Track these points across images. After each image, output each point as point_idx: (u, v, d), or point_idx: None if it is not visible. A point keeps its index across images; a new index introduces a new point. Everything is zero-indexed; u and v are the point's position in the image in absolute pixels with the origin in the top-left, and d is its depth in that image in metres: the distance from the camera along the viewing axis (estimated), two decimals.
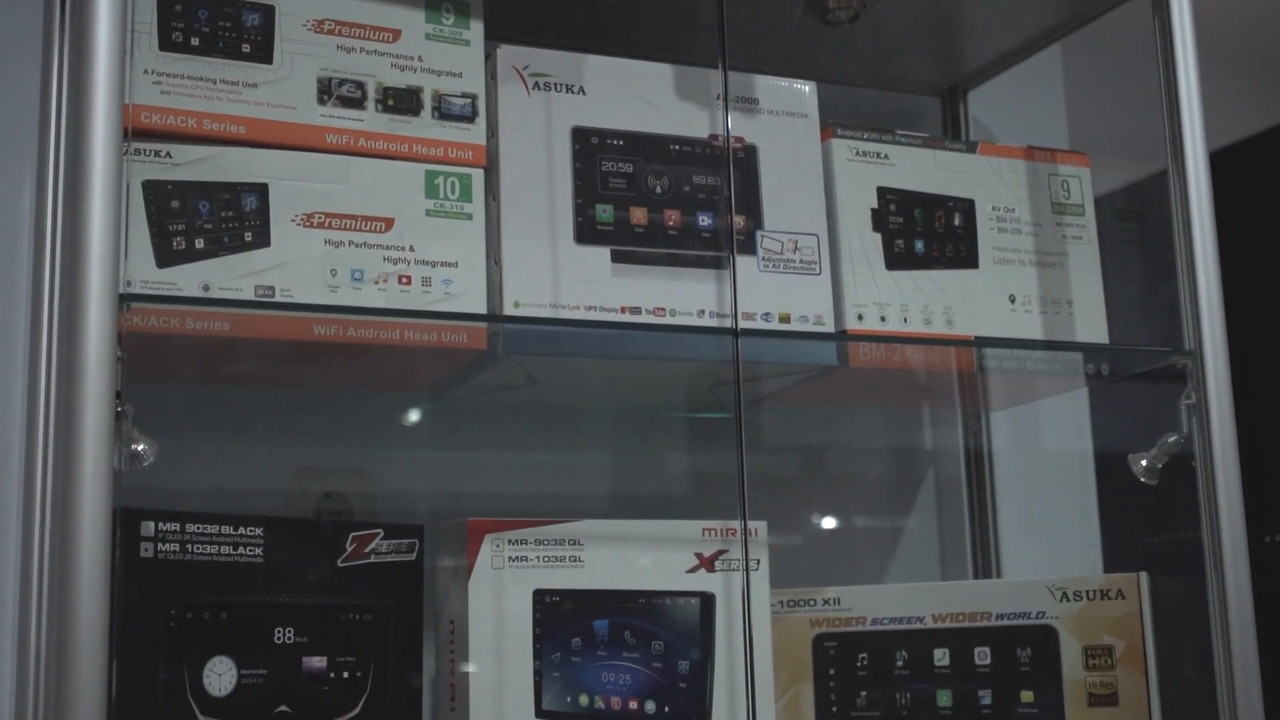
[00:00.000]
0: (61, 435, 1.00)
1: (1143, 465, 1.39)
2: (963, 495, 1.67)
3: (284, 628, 1.17)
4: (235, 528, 1.16)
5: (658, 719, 1.29)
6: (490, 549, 1.26)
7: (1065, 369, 1.53)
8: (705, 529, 1.33)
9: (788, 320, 1.33)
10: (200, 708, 1.12)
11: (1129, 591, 1.35)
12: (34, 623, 1.06)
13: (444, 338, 1.22)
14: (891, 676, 1.39)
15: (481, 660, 1.24)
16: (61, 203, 1.10)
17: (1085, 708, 1.34)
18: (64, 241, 1.08)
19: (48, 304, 1.10)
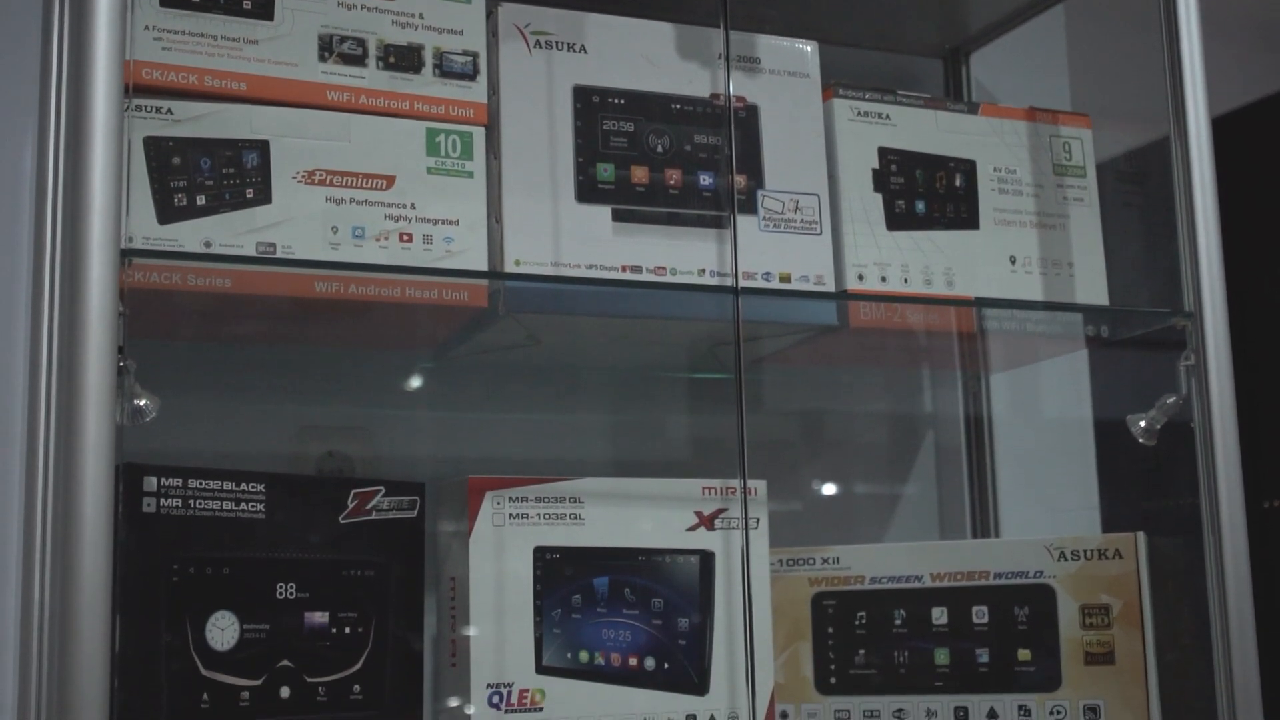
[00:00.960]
0: (64, 390, 1.00)
1: (1141, 426, 1.39)
2: (962, 456, 1.67)
3: (286, 583, 1.18)
4: (237, 484, 1.17)
5: (657, 676, 1.30)
6: (491, 506, 1.26)
7: (1065, 330, 1.53)
8: (705, 488, 1.34)
9: (788, 280, 1.33)
10: (203, 662, 1.13)
11: (1126, 551, 1.36)
12: (37, 577, 1.07)
13: (445, 295, 1.23)
14: (890, 635, 1.40)
15: (482, 617, 1.25)
16: (63, 159, 1.10)
17: (1082, 666, 1.35)
18: (65, 197, 1.08)
19: (49, 260, 1.10)
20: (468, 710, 1.23)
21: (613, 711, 1.28)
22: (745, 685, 1.31)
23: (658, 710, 1.29)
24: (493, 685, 1.24)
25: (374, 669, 1.22)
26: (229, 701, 1.14)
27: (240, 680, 1.14)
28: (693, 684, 1.31)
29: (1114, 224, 1.49)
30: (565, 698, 1.26)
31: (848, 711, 1.39)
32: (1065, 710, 1.35)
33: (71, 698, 0.95)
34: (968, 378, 1.68)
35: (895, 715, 1.38)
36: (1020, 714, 1.36)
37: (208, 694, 1.13)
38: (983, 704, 1.37)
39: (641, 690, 1.29)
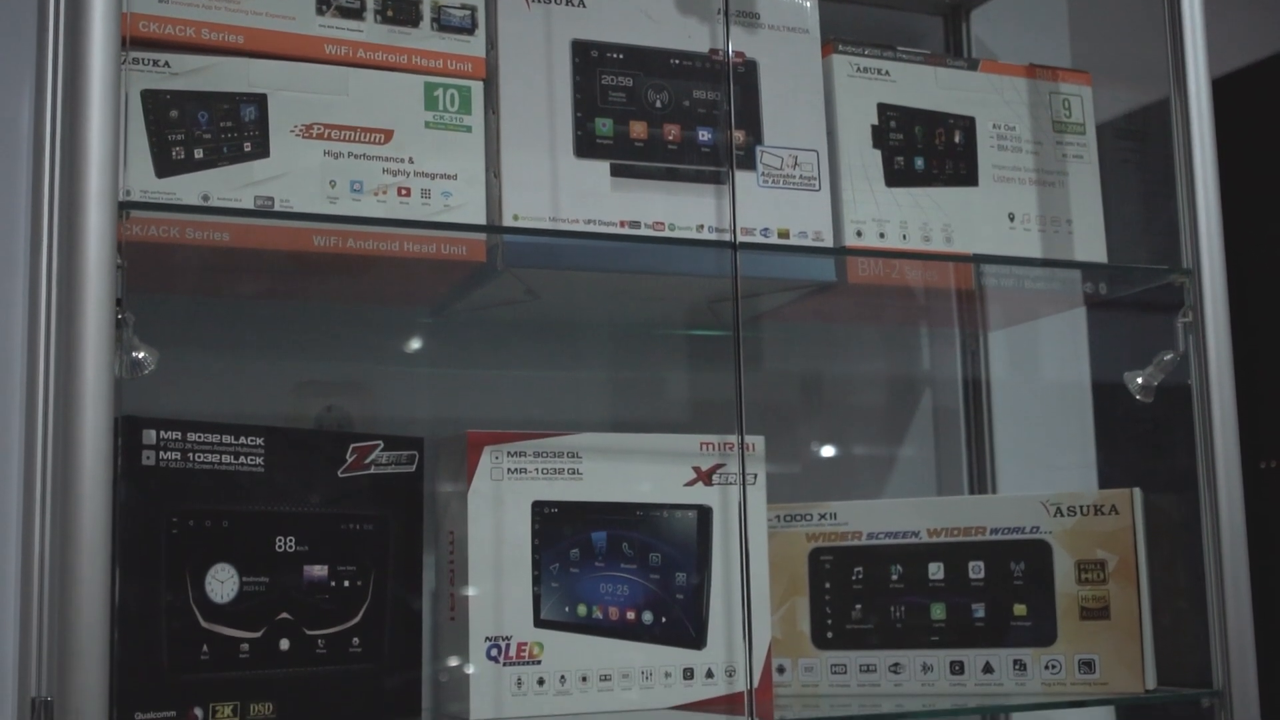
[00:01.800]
0: (63, 343, 1.01)
1: (1139, 383, 1.39)
2: (959, 414, 1.68)
3: (285, 536, 1.18)
4: (236, 437, 1.17)
5: (655, 629, 1.30)
6: (489, 461, 1.27)
7: (1063, 288, 1.53)
8: (703, 443, 1.34)
9: (786, 236, 1.33)
10: (203, 614, 1.13)
11: (1122, 507, 1.36)
12: (37, 530, 1.07)
13: (443, 249, 1.23)
14: (886, 590, 1.40)
15: (480, 571, 1.25)
16: (60, 112, 1.10)
17: (1077, 621, 1.36)
18: (63, 150, 1.08)
19: (47, 213, 1.10)
20: (467, 669, 1.24)
21: (610, 665, 1.28)
22: (742, 640, 1.31)
23: (655, 664, 1.30)
24: (491, 638, 1.25)
25: (373, 622, 1.23)
26: (229, 653, 1.14)
27: (240, 632, 1.15)
28: (690, 638, 1.31)
29: (1113, 181, 1.48)
30: (563, 651, 1.27)
31: (844, 665, 1.40)
32: (1060, 664, 1.35)
33: (72, 650, 0.96)
34: (966, 336, 1.68)
35: (891, 669, 1.39)
36: (1015, 668, 1.36)
37: (207, 646, 1.13)
38: (978, 658, 1.37)
39: (639, 644, 1.30)
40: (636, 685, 1.29)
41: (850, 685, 1.40)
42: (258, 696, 1.15)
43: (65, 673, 0.96)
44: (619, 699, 1.28)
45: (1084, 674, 1.35)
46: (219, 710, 1.13)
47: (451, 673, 1.27)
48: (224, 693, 1.13)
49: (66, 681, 0.96)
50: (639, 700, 1.29)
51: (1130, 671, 1.34)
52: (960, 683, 1.37)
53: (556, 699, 1.26)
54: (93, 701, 0.96)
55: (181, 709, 1.11)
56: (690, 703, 1.30)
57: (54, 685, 0.98)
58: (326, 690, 1.19)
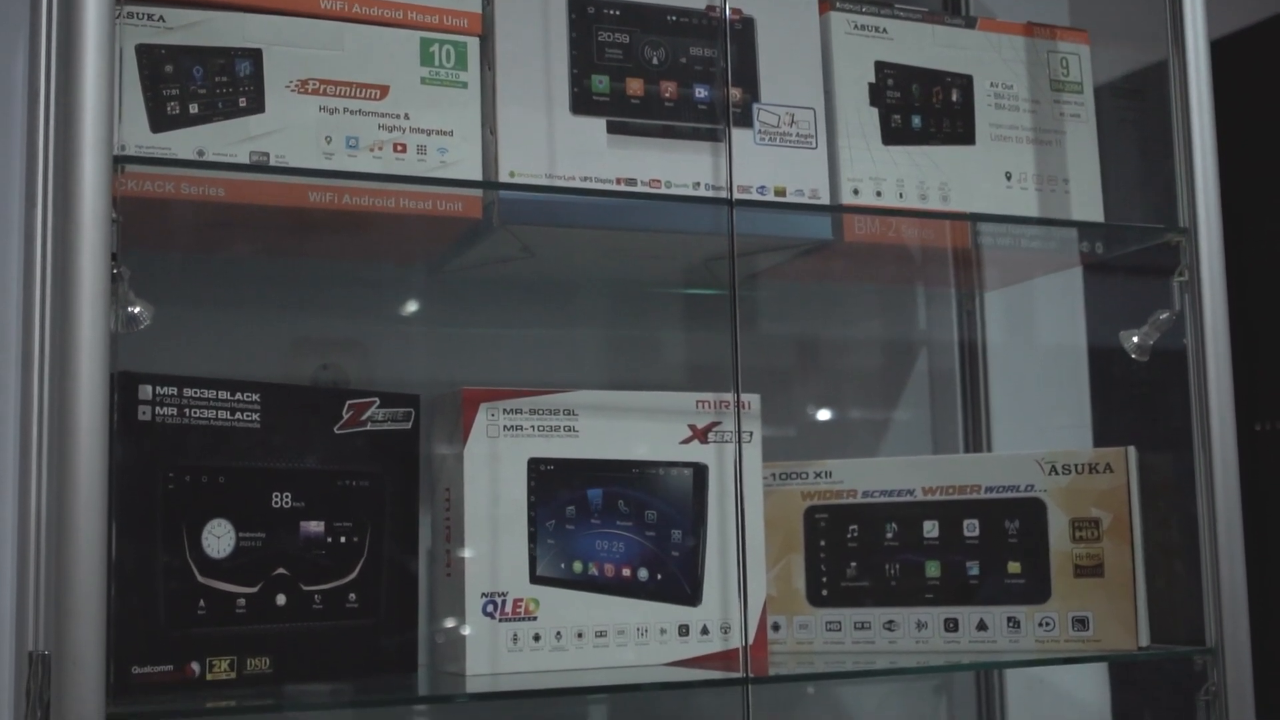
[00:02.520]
0: (58, 297, 1.01)
1: (1134, 342, 1.39)
2: (955, 374, 1.68)
3: (281, 492, 1.19)
4: (233, 393, 1.17)
5: (650, 586, 1.31)
6: (485, 418, 1.27)
7: (1060, 247, 1.53)
8: (699, 401, 1.34)
9: (783, 194, 1.33)
10: (199, 569, 1.14)
11: (1117, 465, 1.36)
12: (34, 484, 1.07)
13: (439, 206, 1.23)
14: (881, 548, 1.41)
15: (476, 528, 1.26)
16: (55, 66, 1.10)
17: (1071, 578, 1.36)
18: (58, 104, 1.08)
19: (42, 167, 1.09)
20: (463, 631, 1.24)
21: (606, 621, 1.29)
22: (737, 597, 1.32)
23: (650, 620, 1.30)
24: (487, 595, 1.25)
25: (369, 578, 1.23)
26: (225, 608, 1.15)
27: (236, 587, 1.15)
28: (685, 595, 1.32)
29: (1110, 140, 1.48)
30: (559, 607, 1.27)
31: (839, 623, 1.41)
32: (1054, 622, 1.36)
33: (69, 604, 0.97)
34: (962, 296, 1.68)
35: (886, 626, 1.40)
36: (1009, 625, 1.37)
37: (204, 600, 1.14)
38: (972, 615, 1.38)
39: (634, 601, 1.30)
40: (632, 642, 1.30)
41: (845, 643, 1.41)
42: (254, 651, 1.16)
43: (62, 627, 0.97)
44: (614, 655, 1.29)
45: (1077, 631, 1.36)
46: (215, 664, 1.14)
47: (448, 634, 1.27)
48: (221, 647, 1.14)
49: (64, 635, 0.96)
50: (634, 656, 1.29)
51: (1123, 629, 1.35)
52: (954, 640, 1.38)
53: (552, 655, 1.27)
54: (90, 655, 0.97)
55: (178, 663, 1.12)
56: (685, 659, 1.31)
57: (51, 639, 0.98)
58: (323, 645, 1.20)
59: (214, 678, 1.13)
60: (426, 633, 1.31)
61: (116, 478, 1.03)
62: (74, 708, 0.96)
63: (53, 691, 0.97)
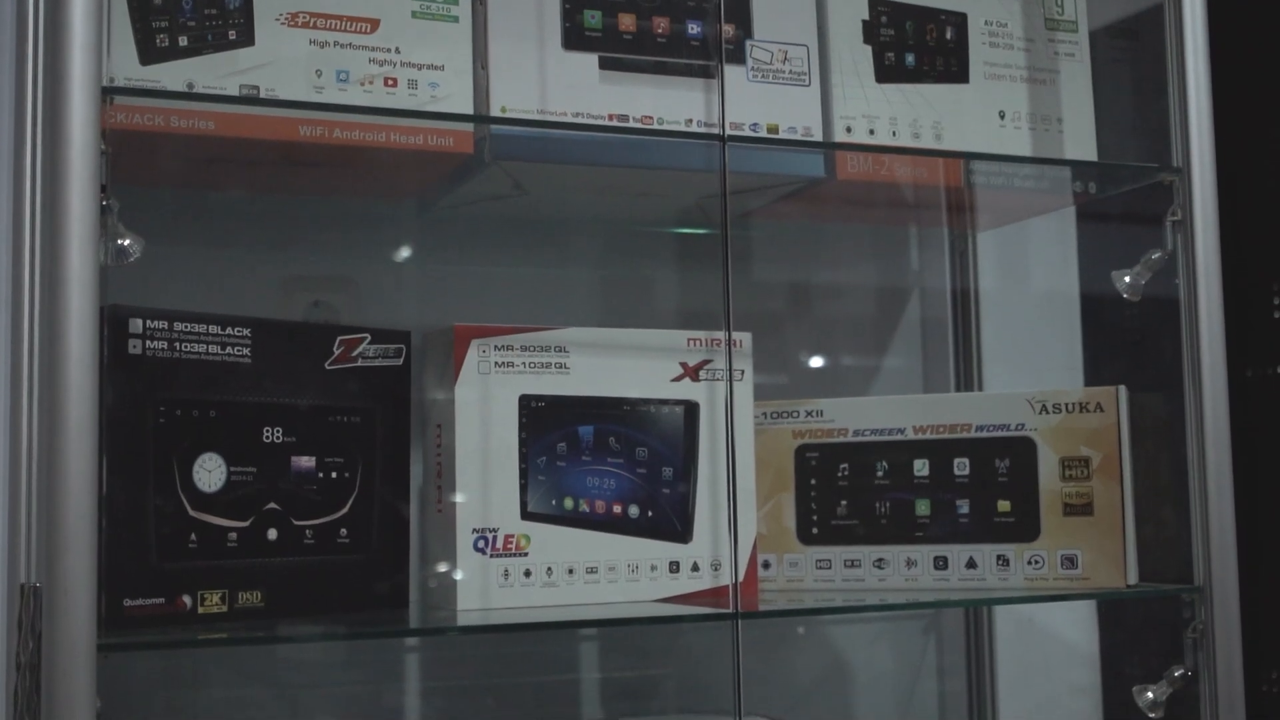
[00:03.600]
0: (47, 229, 1.00)
1: (1126, 282, 1.39)
2: (947, 314, 1.68)
3: (272, 428, 1.19)
4: (223, 328, 1.17)
5: (641, 523, 1.31)
6: (476, 354, 1.27)
7: (1053, 187, 1.53)
8: (690, 339, 1.34)
9: (776, 132, 1.32)
10: (190, 503, 1.14)
11: (1108, 405, 1.37)
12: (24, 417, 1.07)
13: (430, 141, 1.22)
14: (871, 486, 1.41)
15: (467, 464, 1.26)
16: None
17: (1060, 517, 1.37)
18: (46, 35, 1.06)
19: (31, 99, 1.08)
20: (455, 575, 1.25)
21: (597, 557, 1.29)
22: (728, 534, 1.32)
23: (641, 557, 1.31)
24: (478, 530, 1.26)
25: (361, 514, 1.23)
26: (217, 542, 1.15)
27: (228, 521, 1.15)
28: (676, 532, 1.32)
29: (1105, 81, 1.48)
30: (550, 543, 1.28)
31: (829, 561, 1.41)
32: (1043, 560, 1.37)
33: (60, 536, 0.97)
34: (954, 236, 1.68)
35: (876, 564, 1.40)
36: (999, 563, 1.38)
37: (195, 534, 1.14)
38: (962, 553, 1.38)
39: (625, 537, 1.30)
40: (623, 578, 1.30)
41: (835, 580, 1.41)
42: (246, 585, 1.16)
43: (54, 559, 0.97)
44: (605, 591, 1.29)
45: (1066, 570, 1.36)
46: (207, 598, 1.14)
47: (440, 578, 1.28)
48: (212, 581, 1.14)
49: (55, 568, 0.97)
50: (625, 593, 1.30)
51: (1112, 567, 1.35)
52: (944, 578, 1.39)
53: (543, 591, 1.27)
54: (81, 587, 0.97)
55: (170, 596, 1.12)
56: (676, 596, 1.31)
57: (43, 572, 0.98)
58: (315, 580, 1.20)
59: (206, 611, 1.14)
60: (418, 568, 1.32)
61: (107, 411, 1.03)
62: (66, 639, 0.96)
63: (44, 623, 0.97)
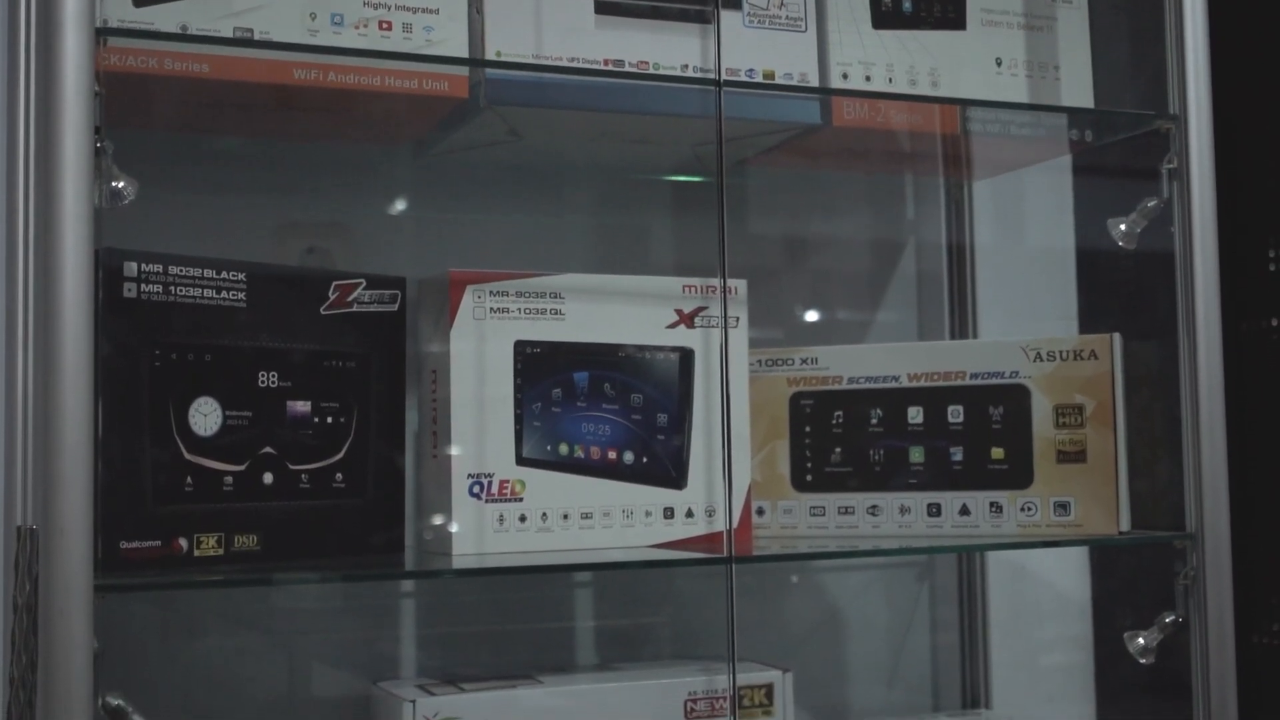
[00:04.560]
0: (41, 172, 1.00)
1: (1121, 229, 1.39)
2: (942, 263, 1.68)
3: (267, 372, 1.19)
4: (218, 272, 1.17)
5: (635, 469, 1.32)
6: (471, 300, 1.27)
7: (1050, 134, 1.53)
8: (685, 286, 1.34)
9: (772, 78, 1.32)
10: (186, 446, 1.14)
11: (1102, 352, 1.37)
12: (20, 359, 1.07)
13: (425, 85, 1.22)
14: (866, 434, 1.42)
15: (463, 410, 1.26)
16: None
17: (1054, 464, 1.37)
18: None
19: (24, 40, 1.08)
20: (451, 528, 1.25)
21: (591, 503, 1.30)
22: (722, 481, 1.33)
23: (636, 503, 1.31)
24: (473, 476, 1.26)
25: (356, 459, 1.24)
26: (212, 485, 1.15)
27: (224, 465, 1.16)
28: (670, 478, 1.33)
29: (1102, 26, 1.47)
30: (545, 489, 1.28)
31: (823, 508, 1.42)
32: (1036, 506, 1.37)
33: (56, 480, 0.97)
34: (950, 185, 1.67)
35: (869, 511, 1.41)
36: (992, 510, 1.38)
37: (191, 478, 1.14)
38: (955, 500, 1.39)
39: (620, 483, 1.31)
40: (617, 523, 1.31)
41: (828, 527, 1.42)
42: (242, 528, 1.16)
43: (50, 501, 0.97)
44: (599, 537, 1.30)
45: (1059, 516, 1.37)
46: (203, 541, 1.14)
47: (435, 530, 1.28)
48: (208, 524, 1.14)
49: (51, 509, 0.97)
50: (619, 538, 1.31)
51: (1105, 514, 1.36)
52: (937, 524, 1.39)
53: (538, 536, 1.28)
54: (78, 529, 0.97)
55: (166, 539, 1.12)
56: (670, 541, 1.32)
57: (39, 514, 0.99)
58: (310, 524, 1.20)
59: (202, 554, 1.14)
60: (413, 512, 1.32)
61: (102, 354, 1.03)
62: (62, 580, 0.97)
63: (41, 565, 0.98)
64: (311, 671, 1.42)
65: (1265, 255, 1.62)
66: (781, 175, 1.60)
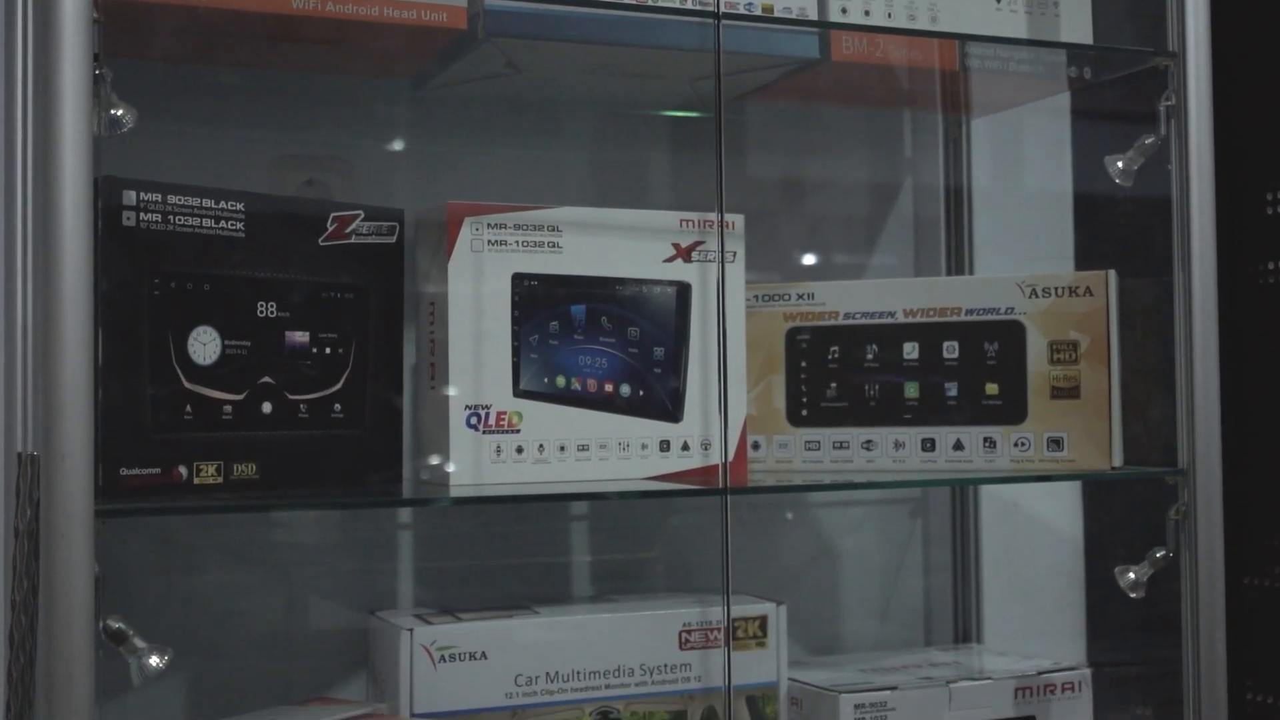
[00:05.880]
0: (40, 99, 1.00)
1: (1119, 167, 1.39)
2: (939, 199, 1.68)
3: (266, 302, 1.19)
4: (217, 201, 1.17)
5: (632, 402, 1.32)
6: (470, 233, 1.27)
7: (1048, 71, 1.52)
8: (683, 220, 1.34)
9: (770, 11, 1.31)
10: (185, 375, 1.14)
11: (1097, 289, 1.37)
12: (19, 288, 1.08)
13: (423, 16, 1.21)
14: (861, 369, 1.42)
15: (460, 341, 1.27)
16: None
17: (1048, 400, 1.38)
18: None
19: None
20: (448, 468, 1.26)
21: (588, 435, 1.30)
22: (718, 414, 1.33)
23: (632, 435, 1.32)
24: (471, 407, 1.27)
25: (354, 389, 1.24)
26: (212, 414, 1.16)
27: (223, 394, 1.16)
28: (667, 411, 1.33)
29: None
30: (542, 420, 1.29)
31: (818, 442, 1.43)
32: (1029, 441, 1.38)
33: (57, 406, 0.97)
34: (949, 122, 1.67)
35: (864, 446, 1.42)
36: (986, 445, 1.39)
37: (190, 406, 1.15)
38: (950, 435, 1.40)
39: (616, 416, 1.32)
40: (614, 456, 1.31)
41: (823, 462, 1.43)
42: (241, 457, 1.17)
43: (50, 429, 0.98)
44: (596, 469, 1.31)
45: (1052, 451, 1.38)
46: (203, 469, 1.15)
47: (432, 470, 1.29)
48: (208, 452, 1.15)
49: (52, 437, 0.97)
50: (615, 470, 1.31)
51: (1097, 449, 1.37)
52: (931, 459, 1.40)
53: (535, 467, 1.28)
54: (78, 457, 0.98)
55: (166, 466, 1.13)
56: (666, 474, 1.33)
57: (40, 441, 0.99)
58: (309, 454, 1.21)
59: (201, 482, 1.15)
60: (411, 448, 1.33)
61: (101, 283, 1.03)
62: (62, 505, 0.97)
63: (42, 491, 0.98)
64: (309, 603, 1.43)
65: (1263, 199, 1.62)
66: (780, 111, 1.60)
